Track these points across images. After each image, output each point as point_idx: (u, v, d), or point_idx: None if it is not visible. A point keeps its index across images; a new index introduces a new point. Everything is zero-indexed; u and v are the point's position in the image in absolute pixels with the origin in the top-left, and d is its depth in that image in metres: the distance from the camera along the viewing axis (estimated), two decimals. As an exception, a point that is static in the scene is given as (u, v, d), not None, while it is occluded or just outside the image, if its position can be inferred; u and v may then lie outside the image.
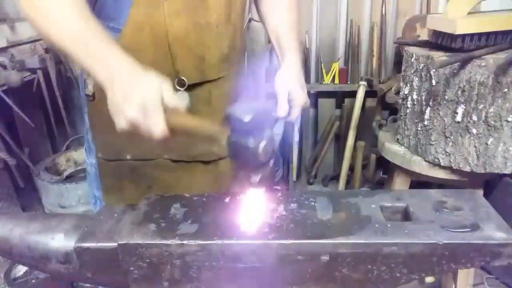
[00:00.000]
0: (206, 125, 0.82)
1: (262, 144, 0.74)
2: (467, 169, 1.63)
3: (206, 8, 1.04)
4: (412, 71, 1.71)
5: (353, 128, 2.79)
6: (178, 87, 1.06)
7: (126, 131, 0.80)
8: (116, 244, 0.81)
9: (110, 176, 1.18)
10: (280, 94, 1.08)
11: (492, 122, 1.53)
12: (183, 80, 1.07)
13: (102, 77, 0.81)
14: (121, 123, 0.79)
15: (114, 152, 1.15)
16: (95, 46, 0.82)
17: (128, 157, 1.15)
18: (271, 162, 0.81)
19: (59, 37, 0.84)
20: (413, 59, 1.70)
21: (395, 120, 2.07)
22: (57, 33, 0.84)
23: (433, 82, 1.61)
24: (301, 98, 1.09)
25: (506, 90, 1.48)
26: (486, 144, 1.57)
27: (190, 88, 1.08)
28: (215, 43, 1.09)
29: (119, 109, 0.78)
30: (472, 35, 1.55)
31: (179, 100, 0.80)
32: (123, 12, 1.00)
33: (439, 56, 1.57)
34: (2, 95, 2.22)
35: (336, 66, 2.92)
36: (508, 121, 1.51)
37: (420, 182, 1.91)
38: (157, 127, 0.76)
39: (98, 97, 1.09)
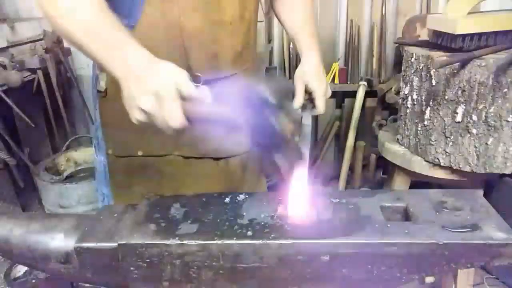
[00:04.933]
0: (225, 111, 0.78)
1: (284, 122, 0.75)
2: (467, 169, 1.63)
3: (220, 5, 1.04)
4: (412, 71, 1.71)
5: (353, 128, 2.78)
6: (195, 84, 1.07)
7: (141, 124, 0.77)
8: (116, 244, 0.81)
9: (121, 173, 1.19)
10: (297, 87, 1.12)
11: (492, 122, 1.53)
12: (198, 75, 1.07)
13: (117, 70, 0.78)
14: (136, 115, 0.76)
15: (125, 148, 1.15)
16: (111, 37, 0.79)
17: (139, 153, 1.15)
18: (297, 140, 0.81)
19: (72, 28, 0.81)
20: (413, 59, 1.70)
21: (395, 120, 2.07)
22: (70, 24, 0.81)
23: (433, 82, 1.61)
24: (320, 88, 1.13)
25: (506, 90, 1.48)
26: (486, 144, 1.56)
27: (203, 84, 1.09)
28: (229, 40, 1.10)
29: (135, 100, 0.75)
30: (472, 35, 1.55)
31: (201, 91, 0.77)
32: (137, 9, 1.00)
33: (439, 56, 1.57)
34: (2, 95, 2.22)
35: (336, 66, 2.92)
36: (508, 121, 1.51)
37: (420, 182, 1.91)
38: (174, 117, 0.73)
39: (111, 93, 1.09)
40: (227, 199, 0.95)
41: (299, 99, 1.11)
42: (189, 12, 1.01)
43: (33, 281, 2.05)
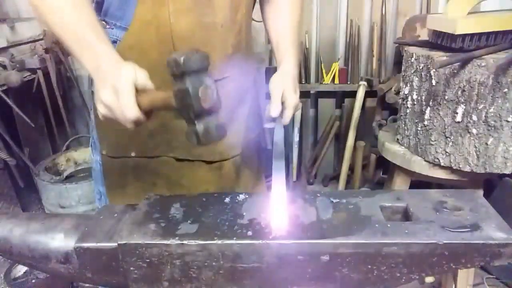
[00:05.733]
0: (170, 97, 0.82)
1: (201, 88, 0.78)
2: (467, 169, 1.63)
3: (211, 7, 1.04)
4: (412, 71, 1.71)
5: (353, 128, 2.79)
6: None
7: (105, 118, 0.85)
8: (116, 244, 0.81)
9: (115, 173, 1.19)
10: (274, 94, 1.08)
11: (492, 122, 1.53)
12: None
13: (88, 66, 0.87)
14: (100, 108, 0.84)
15: (119, 149, 1.15)
16: (86, 37, 0.86)
17: (133, 154, 1.15)
18: (218, 115, 0.84)
19: (55, 25, 0.89)
20: (413, 59, 1.70)
21: (395, 120, 2.07)
22: (54, 21, 0.89)
23: (433, 82, 1.61)
24: (293, 99, 1.08)
25: (506, 90, 1.48)
26: (486, 144, 1.57)
27: None
28: (219, 42, 1.09)
29: (98, 94, 0.83)
30: (472, 35, 1.54)
31: (148, 80, 0.83)
32: (129, 11, 1.01)
33: (439, 56, 1.57)
34: (2, 95, 2.23)
35: (336, 66, 2.92)
36: (508, 121, 1.51)
37: (420, 182, 1.91)
38: (129, 109, 0.80)
39: None
40: (227, 199, 0.95)
41: (277, 107, 1.06)
42: (180, 15, 1.01)
43: (33, 281, 2.05)
